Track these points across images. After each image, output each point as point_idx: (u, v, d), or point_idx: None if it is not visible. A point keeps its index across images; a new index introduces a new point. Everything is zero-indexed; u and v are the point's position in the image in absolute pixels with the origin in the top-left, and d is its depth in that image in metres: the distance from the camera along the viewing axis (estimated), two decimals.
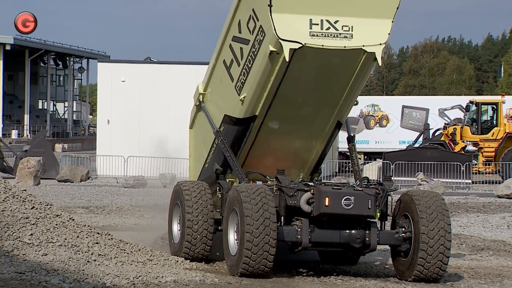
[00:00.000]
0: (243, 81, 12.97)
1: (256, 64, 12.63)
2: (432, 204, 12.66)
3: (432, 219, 12.54)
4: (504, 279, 13.51)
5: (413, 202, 12.75)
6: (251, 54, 12.71)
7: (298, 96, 12.90)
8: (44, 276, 11.17)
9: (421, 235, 12.51)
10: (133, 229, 18.31)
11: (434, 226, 12.52)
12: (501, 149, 38.42)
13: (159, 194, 28.92)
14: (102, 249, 12.72)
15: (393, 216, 13.16)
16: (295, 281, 12.56)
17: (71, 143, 68.35)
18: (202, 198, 13.60)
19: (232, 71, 13.30)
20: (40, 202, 13.44)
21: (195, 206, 13.52)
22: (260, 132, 13.32)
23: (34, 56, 76.27)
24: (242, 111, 13.08)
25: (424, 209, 12.61)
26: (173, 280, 11.87)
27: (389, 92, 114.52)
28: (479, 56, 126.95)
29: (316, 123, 13.35)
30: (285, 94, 12.80)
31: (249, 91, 12.85)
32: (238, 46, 13.08)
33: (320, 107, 13.13)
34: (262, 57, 12.43)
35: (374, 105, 48.63)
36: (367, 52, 12.32)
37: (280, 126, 13.29)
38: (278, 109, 12.99)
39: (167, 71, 38.51)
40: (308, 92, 12.89)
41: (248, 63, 12.81)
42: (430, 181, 31.73)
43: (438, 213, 12.59)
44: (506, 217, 22.80)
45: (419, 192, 13.02)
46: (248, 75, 12.83)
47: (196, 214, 13.48)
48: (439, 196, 12.95)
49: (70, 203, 24.27)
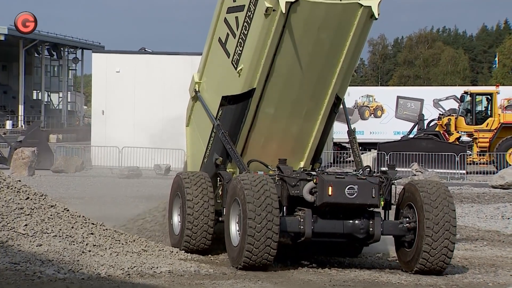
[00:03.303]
0: (239, 52, 12.85)
1: (252, 29, 12.56)
2: (437, 193, 12.49)
3: (437, 209, 12.38)
4: (498, 269, 13.54)
5: (417, 192, 12.57)
6: (247, 19, 12.63)
7: (295, 65, 12.69)
8: (38, 267, 11.17)
9: (426, 225, 12.34)
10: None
11: (439, 216, 12.34)
12: (495, 139, 38.48)
13: (154, 184, 28.93)
14: (96, 240, 12.71)
15: (397, 206, 12.99)
16: (289, 271, 12.56)
17: (66, 133, 68.12)
18: (203, 187, 13.38)
19: (228, 47, 13.16)
20: (34, 193, 13.42)
21: (195, 196, 13.32)
22: (258, 110, 13.05)
23: (28, 47, 76.03)
24: (240, 85, 12.89)
25: (429, 199, 12.43)
26: (168, 270, 11.87)
27: (383, 83, 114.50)
28: (474, 47, 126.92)
29: (314, 97, 13.10)
30: (282, 63, 12.62)
31: (246, 60, 12.70)
32: (233, 16, 12.98)
33: (318, 77, 12.88)
34: (258, 18, 12.37)
35: (369, 96, 48.64)
36: (363, 6, 12.21)
37: (278, 103, 13.04)
38: (276, 81, 12.79)
39: (161, 62, 38.44)
40: (305, 58, 12.67)
41: (244, 30, 12.71)
42: (425, 172, 31.77)
43: (443, 202, 12.42)
44: (500, 207, 22.84)
45: (423, 182, 12.89)
46: (244, 43, 12.73)
47: (196, 204, 13.28)
48: (444, 186, 12.78)
49: (65, 193, 24.25)
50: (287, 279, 11.98)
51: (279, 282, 11.63)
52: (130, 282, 11.12)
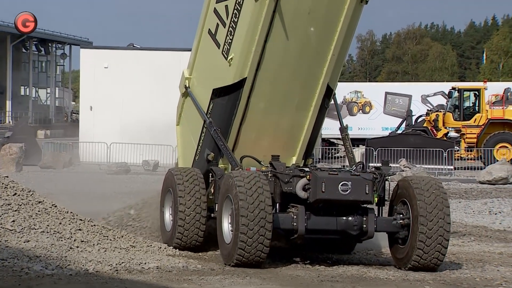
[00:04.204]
0: (229, 41, 12.80)
1: (242, 16, 12.52)
2: (431, 190, 12.40)
3: (431, 205, 12.28)
4: (486, 264, 13.58)
5: (411, 188, 12.48)
6: (237, 6, 12.60)
7: (286, 52, 12.61)
8: (26, 263, 11.14)
9: (420, 221, 12.26)
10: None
11: (432, 212, 12.26)
12: (483, 135, 38.62)
13: (142, 180, 28.91)
14: (84, 236, 12.69)
15: (391, 202, 12.90)
16: (278, 267, 12.57)
17: (54, 129, 67.94)
18: (195, 183, 13.27)
19: (218, 37, 13.11)
20: (22, 189, 13.38)
21: (187, 193, 13.20)
22: (249, 102, 12.95)
23: (16, 42, 75.79)
24: (231, 75, 12.82)
25: (423, 195, 12.35)
26: (156, 266, 11.86)
27: (372, 79, 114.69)
28: (462, 43, 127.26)
29: (306, 87, 13.00)
30: (273, 50, 12.56)
31: (236, 48, 12.65)
32: (223, 5, 12.95)
33: (309, 65, 12.79)
34: (248, 4, 12.35)
35: (357, 92, 48.70)
36: None
37: (269, 94, 12.95)
38: (267, 70, 12.70)
39: (150, 58, 38.39)
40: (296, 45, 12.60)
41: (234, 17, 12.67)
42: (413, 168, 31.85)
43: (437, 199, 12.33)
44: (488, 203, 22.93)
45: (417, 178, 12.77)
46: (234, 31, 12.69)
47: (188, 201, 13.17)
48: (438, 182, 12.68)
49: (53, 189, 24.18)
50: (275, 274, 11.98)
51: (267, 278, 11.63)
52: (118, 278, 11.10)
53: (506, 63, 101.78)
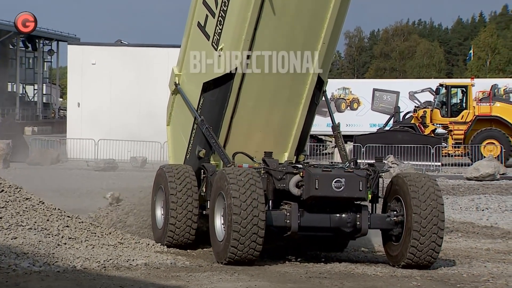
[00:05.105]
0: (219, 31, 12.74)
1: (231, 4, 12.46)
2: (425, 187, 12.36)
3: (425, 203, 12.23)
4: (473, 260, 13.63)
5: (405, 185, 12.41)
6: None
7: (276, 41, 12.53)
8: (13, 260, 11.12)
9: (414, 219, 12.20)
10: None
11: (427, 210, 12.20)
12: (470, 131, 38.73)
13: (130, 177, 28.85)
14: (72, 233, 12.67)
15: (384, 199, 12.83)
16: (266, 263, 12.57)
17: (41, 126, 67.75)
18: (186, 181, 13.19)
19: (208, 28, 13.05)
20: (9, 185, 13.35)
21: (179, 190, 13.10)
22: (240, 95, 12.86)
23: (3, 38, 75.42)
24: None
25: (417, 192, 12.29)
26: (144, 263, 11.85)
27: (360, 75, 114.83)
28: (449, 39, 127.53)
29: (297, 78, 12.87)
30: (263, 38, 12.47)
31: (226, 38, 12.60)
32: None
33: (300, 54, 12.68)
34: None
35: (345, 88, 48.74)
36: None
37: (259, 86, 12.87)
38: (257, 60, 12.61)
39: (138, 54, 38.30)
40: (286, 33, 12.51)
41: (223, 6, 12.62)
42: (400, 164, 31.92)
43: (431, 196, 12.29)
44: (475, 199, 23.01)
45: (411, 175, 12.71)
46: (224, 20, 12.64)
47: (180, 198, 13.08)
48: (432, 179, 12.65)
49: (40, 186, 24.10)
50: (263, 271, 11.99)
51: (255, 275, 11.64)
52: (106, 274, 11.09)
53: (493, 59, 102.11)
